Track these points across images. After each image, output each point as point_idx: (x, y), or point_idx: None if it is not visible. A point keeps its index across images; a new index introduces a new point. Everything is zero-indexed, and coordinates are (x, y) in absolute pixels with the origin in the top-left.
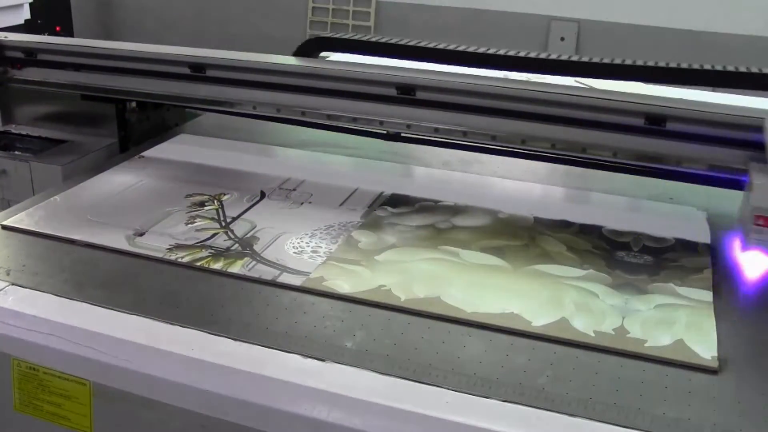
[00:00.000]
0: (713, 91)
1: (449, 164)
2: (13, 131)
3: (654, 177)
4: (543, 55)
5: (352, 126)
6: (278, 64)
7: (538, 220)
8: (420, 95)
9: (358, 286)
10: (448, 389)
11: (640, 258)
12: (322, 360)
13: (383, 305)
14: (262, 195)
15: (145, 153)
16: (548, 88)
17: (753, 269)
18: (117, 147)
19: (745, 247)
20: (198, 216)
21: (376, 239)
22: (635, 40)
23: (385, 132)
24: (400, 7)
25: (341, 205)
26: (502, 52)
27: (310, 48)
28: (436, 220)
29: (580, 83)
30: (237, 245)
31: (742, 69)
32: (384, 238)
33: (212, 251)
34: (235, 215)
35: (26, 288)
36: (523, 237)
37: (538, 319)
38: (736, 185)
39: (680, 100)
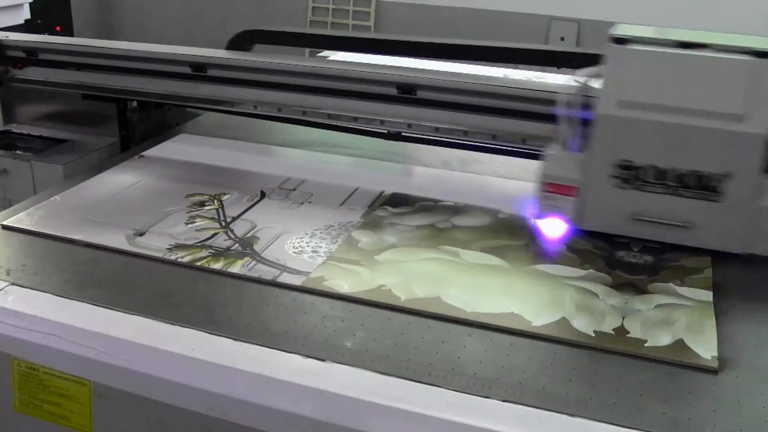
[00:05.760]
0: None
1: (449, 164)
2: (15, 131)
3: None
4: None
5: (352, 125)
6: (279, 64)
7: None
8: (421, 94)
9: (358, 286)
10: (448, 389)
11: (640, 258)
12: (322, 360)
13: (383, 305)
14: (262, 195)
15: (146, 152)
16: (548, 87)
17: (552, 232)
18: (118, 146)
19: (540, 214)
20: (198, 216)
21: (376, 239)
22: None
23: (385, 131)
24: (400, 7)
25: (341, 205)
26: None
27: (243, 41)
28: (436, 219)
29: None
30: (237, 245)
31: (533, 46)
32: (384, 238)
33: (212, 251)
34: (235, 215)
35: (26, 288)
36: (523, 237)
37: (538, 319)
38: None
39: None
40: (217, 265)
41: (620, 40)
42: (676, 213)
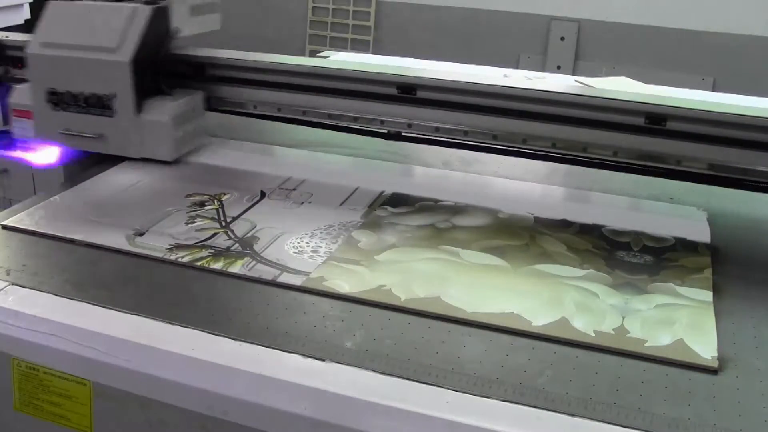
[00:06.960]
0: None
1: (449, 164)
2: None
3: (654, 176)
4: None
5: (352, 125)
6: (279, 64)
7: (538, 220)
8: (421, 94)
9: (358, 286)
10: (448, 389)
11: (641, 258)
12: (322, 360)
13: (383, 305)
14: (262, 195)
15: None
16: (549, 87)
17: (42, 158)
18: None
19: (19, 135)
20: (198, 216)
21: (376, 239)
22: (635, 40)
23: (385, 131)
24: (400, 7)
25: (341, 204)
26: None
27: None
28: (436, 219)
29: (581, 83)
30: (237, 245)
31: None
32: (384, 237)
33: (212, 251)
34: (235, 215)
35: (26, 288)
36: (523, 237)
37: (538, 319)
38: (737, 184)
39: (681, 99)
40: (217, 265)
41: None
42: (90, 127)
